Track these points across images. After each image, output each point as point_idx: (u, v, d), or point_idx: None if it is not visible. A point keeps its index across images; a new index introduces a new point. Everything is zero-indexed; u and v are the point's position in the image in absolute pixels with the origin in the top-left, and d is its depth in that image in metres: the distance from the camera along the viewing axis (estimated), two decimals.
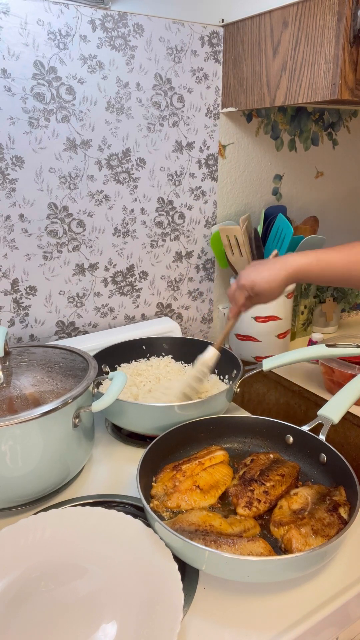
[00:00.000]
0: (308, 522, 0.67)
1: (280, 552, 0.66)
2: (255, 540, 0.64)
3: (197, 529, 0.66)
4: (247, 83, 1.08)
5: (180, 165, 1.14)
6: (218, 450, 0.83)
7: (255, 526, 0.70)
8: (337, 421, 0.80)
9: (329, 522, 0.67)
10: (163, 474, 0.78)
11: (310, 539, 0.65)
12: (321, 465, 0.81)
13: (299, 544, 0.64)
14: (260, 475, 0.77)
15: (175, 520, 0.69)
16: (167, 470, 0.78)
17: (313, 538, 0.65)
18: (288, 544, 0.65)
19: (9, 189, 0.96)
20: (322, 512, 0.69)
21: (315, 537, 0.65)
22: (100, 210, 1.07)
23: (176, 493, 0.74)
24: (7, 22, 0.88)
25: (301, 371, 1.22)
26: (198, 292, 1.29)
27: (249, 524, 0.70)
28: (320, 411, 0.81)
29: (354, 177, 1.49)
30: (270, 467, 0.79)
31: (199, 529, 0.66)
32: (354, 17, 0.86)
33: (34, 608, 0.60)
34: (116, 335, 1.11)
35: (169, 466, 0.80)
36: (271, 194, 1.33)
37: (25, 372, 0.81)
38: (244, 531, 0.68)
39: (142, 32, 1.00)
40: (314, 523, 0.67)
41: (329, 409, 0.81)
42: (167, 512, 0.73)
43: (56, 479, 0.78)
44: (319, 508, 0.70)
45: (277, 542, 0.68)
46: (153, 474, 0.79)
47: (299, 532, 0.65)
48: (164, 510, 0.73)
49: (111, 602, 0.60)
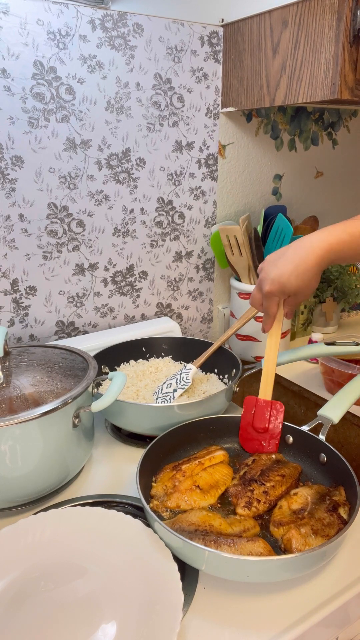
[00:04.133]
0: (308, 522, 0.67)
1: (280, 552, 0.66)
2: (255, 541, 0.64)
3: (197, 529, 0.66)
4: (246, 83, 1.08)
5: (180, 165, 1.14)
6: (218, 450, 0.83)
7: (255, 526, 0.70)
8: (337, 421, 0.80)
9: (329, 522, 0.67)
10: (163, 474, 0.78)
11: (310, 539, 0.65)
12: (321, 465, 0.81)
13: (298, 544, 0.64)
14: (261, 475, 0.77)
15: (175, 520, 0.69)
16: (167, 470, 0.78)
17: (313, 538, 0.65)
18: (288, 544, 0.65)
19: (9, 189, 0.96)
20: (321, 512, 0.69)
21: (315, 537, 0.65)
22: (100, 210, 1.07)
23: (176, 493, 0.74)
24: (7, 22, 0.88)
25: (301, 371, 1.22)
26: (198, 292, 1.29)
27: (249, 524, 0.70)
28: (320, 411, 0.82)
29: (354, 177, 1.49)
30: (272, 468, 0.79)
31: (198, 529, 0.66)
32: (353, 17, 0.86)
33: (33, 608, 0.60)
34: (116, 335, 1.11)
35: (168, 466, 0.80)
36: (271, 193, 1.33)
37: (25, 372, 0.81)
38: (244, 531, 0.68)
39: (142, 31, 1.00)
40: (314, 523, 0.67)
41: (329, 409, 0.81)
42: (167, 512, 0.73)
43: (56, 479, 0.78)
44: (318, 508, 0.70)
45: (277, 542, 0.68)
46: (153, 474, 0.79)
47: (298, 532, 0.65)
48: (164, 510, 0.73)
49: (111, 602, 0.60)
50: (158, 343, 1.13)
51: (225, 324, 1.34)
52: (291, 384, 1.18)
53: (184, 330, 1.30)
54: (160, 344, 1.13)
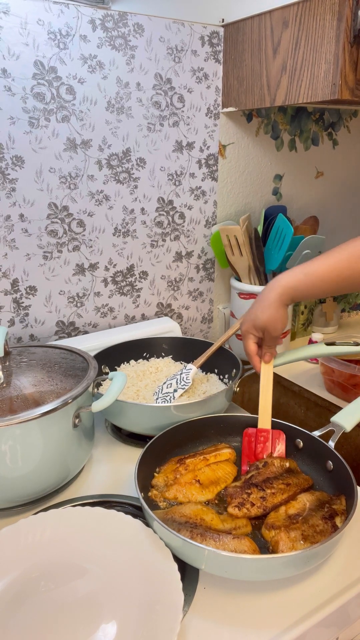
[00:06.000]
0: (299, 527, 0.67)
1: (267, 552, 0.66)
2: (240, 539, 0.64)
3: (187, 521, 0.67)
4: (247, 83, 1.08)
5: (181, 165, 1.14)
6: (225, 448, 0.84)
7: (247, 525, 0.70)
8: (349, 429, 0.78)
9: (322, 529, 0.67)
10: (167, 465, 0.80)
11: (298, 544, 0.64)
12: (327, 473, 0.79)
13: (284, 547, 0.64)
14: (265, 481, 0.76)
15: (169, 511, 0.70)
16: (172, 463, 0.80)
17: (301, 543, 0.64)
18: (275, 546, 0.65)
19: (9, 189, 0.96)
20: (316, 519, 0.68)
21: (304, 542, 0.64)
22: (100, 210, 1.07)
23: (175, 485, 0.75)
24: (7, 22, 0.88)
25: (301, 371, 1.22)
26: (198, 292, 1.28)
27: (241, 522, 0.70)
28: (333, 418, 0.80)
29: (354, 177, 1.49)
30: (279, 476, 0.77)
31: (188, 521, 0.67)
32: (354, 17, 0.86)
33: (33, 608, 0.60)
34: (116, 335, 1.11)
35: (174, 459, 0.81)
36: (271, 194, 1.33)
37: (25, 372, 0.81)
38: (234, 529, 0.68)
39: (142, 32, 1.00)
40: (306, 529, 0.66)
41: (343, 416, 0.80)
42: (164, 502, 0.75)
43: (56, 479, 0.78)
44: (315, 515, 0.69)
45: (266, 544, 0.68)
46: (154, 468, 0.80)
47: (287, 536, 0.65)
48: (161, 501, 0.75)
49: (111, 602, 0.60)
50: (158, 343, 1.13)
51: (225, 324, 1.34)
52: (291, 384, 1.18)
53: (184, 330, 1.30)
54: (161, 344, 1.13)
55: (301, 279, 0.80)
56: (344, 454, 0.77)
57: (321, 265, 0.80)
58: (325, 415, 1.07)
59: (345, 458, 0.76)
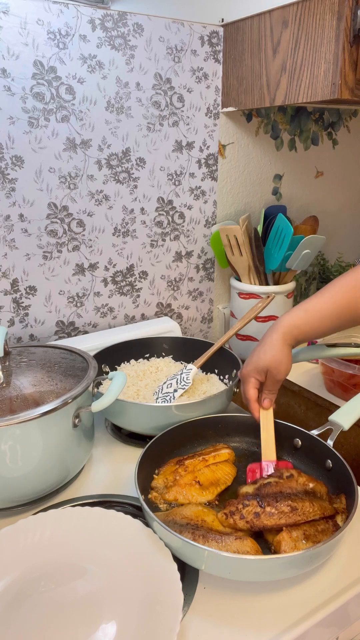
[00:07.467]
0: (301, 526, 0.66)
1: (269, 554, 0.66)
2: (243, 539, 0.64)
3: (189, 522, 0.67)
4: (247, 83, 1.08)
5: (180, 165, 1.14)
6: (224, 449, 0.83)
7: None
8: (347, 428, 0.78)
9: (323, 528, 0.67)
10: (166, 467, 0.79)
11: (300, 544, 0.64)
12: (326, 472, 0.79)
13: (287, 547, 0.64)
14: (273, 497, 0.69)
15: (169, 512, 0.70)
16: (171, 464, 0.79)
17: (303, 543, 0.64)
18: (277, 546, 0.65)
19: (9, 189, 0.96)
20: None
21: (307, 542, 0.64)
22: (100, 210, 1.07)
23: (175, 487, 0.75)
24: (7, 22, 0.88)
25: (301, 371, 1.21)
26: (198, 292, 1.28)
27: None
28: (331, 416, 0.80)
29: (354, 177, 1.49)
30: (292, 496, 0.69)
31: (190, 522, 0.67)
32: (353, 17, 0.86)
33: (33, 608, 0.60)
34: (116, 335, 1.11)
35: (173, 460, 0.80)
36: (271, 193, 1.33)
37: (25, 372, 0.81)
38: (236, 530, 0.68)
39: (142, 31, 1.00)
40: (307, 528, 0.66)
41: (341, 415, 0.80)
42: (165, 504, 0.74)
43: (56, 479, 0.78)
44: None
45: (267, 544, 0.67)
46: (153, 470, 0.79)
47: (289, 536, 0.65)
48: (162, 502, 0.74)
49: (111, 602, 0.60)
50: (158, 343, 1.13)
51: (225, 324, 1.34)
52: (291, 384, 1.18)
53: (184, 330, 1.30)
54: (161, 343, 1.13)
55: (302, 317, 0.80)
56: (343, 454, 0.77)
57: (320, 299, 0.80)
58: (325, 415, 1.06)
59: (345, 457, 0.76)
